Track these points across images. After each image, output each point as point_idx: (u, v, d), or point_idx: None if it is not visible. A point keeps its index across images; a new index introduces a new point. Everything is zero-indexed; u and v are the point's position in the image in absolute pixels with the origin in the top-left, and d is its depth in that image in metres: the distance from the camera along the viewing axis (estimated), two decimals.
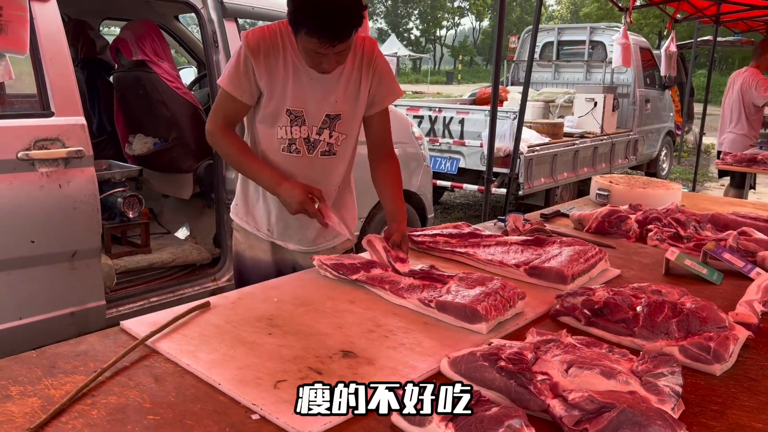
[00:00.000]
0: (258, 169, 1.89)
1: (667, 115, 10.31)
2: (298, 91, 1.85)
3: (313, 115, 1.89)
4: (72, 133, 2.55)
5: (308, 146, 1.93)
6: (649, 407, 1.02)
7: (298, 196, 1.80)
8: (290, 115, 1.88)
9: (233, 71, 1.84)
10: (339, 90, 1.89)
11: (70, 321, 2.63)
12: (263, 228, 2.06)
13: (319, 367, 1.23)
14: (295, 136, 1.90)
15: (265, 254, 2.09)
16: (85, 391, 1.12)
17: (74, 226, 2.57)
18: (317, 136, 1.92)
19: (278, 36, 1.83)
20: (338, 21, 1.62)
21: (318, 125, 1.91)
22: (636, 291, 1.51)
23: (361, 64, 1.90)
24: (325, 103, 1.88)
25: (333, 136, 1.94)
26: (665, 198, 2.73)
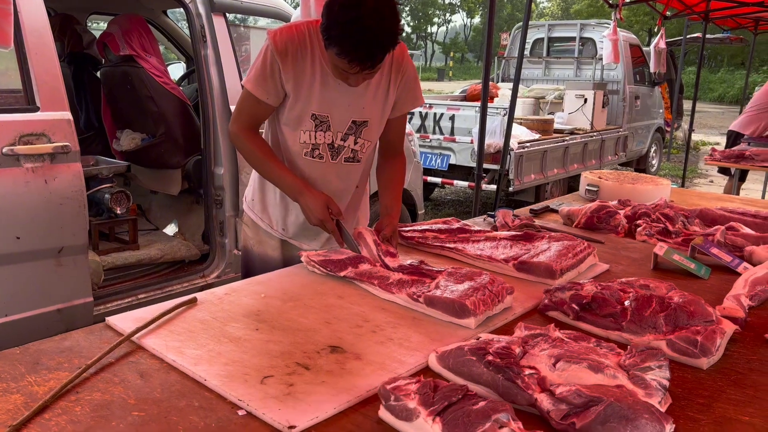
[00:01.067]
0: (281, 174, 1.87)
1: (657, 111, 10.36)
2: (324, 96, 1.82)
3: (339, 121, 1.86)
4: (58, 128, 2.52)
5: (332, 152, 1.91)
6: (636, 401, 1.02)
7: (319, 212, 1.79)
8: (315, 119, 1.84)
9: (259, 73, 1.79)
10: (367, 96, 1.86)
11: (57, 318, 2.60)
12: (278, 227, 2.05)
13: (307, 363, 1.22)
14: (319, 142, 1.88)
15: (274, 251, 2.08)
16: (69, 388, 1.11)
17: (60, 223, 2.54)
18: (342, 142, 1.90)
19: (306, 37, 1.78)
20: (372, 49, 1.59)
21: (343, 131, 1.88)
22: (624, 285, 1.51)
23: (390, 70, 1.87)
24: (352, 109, 1.85)
25: (358, 142, 1.92)
26: (654, 193, 2.73)
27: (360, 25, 1.54)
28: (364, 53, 1.58)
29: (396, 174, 2.05)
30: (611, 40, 6.73)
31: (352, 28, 1.54)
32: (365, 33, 1.55)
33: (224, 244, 3.40)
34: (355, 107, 1.86)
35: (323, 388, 1.13)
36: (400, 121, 2.02)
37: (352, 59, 1.59)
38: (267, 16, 3.95)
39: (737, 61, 34.49)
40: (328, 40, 1.61)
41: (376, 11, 1.55)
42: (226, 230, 3.38)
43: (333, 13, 1.58)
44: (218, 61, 3.30)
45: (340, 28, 1.56)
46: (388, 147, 2.06)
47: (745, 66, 22.34)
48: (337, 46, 1.59)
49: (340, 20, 1.56)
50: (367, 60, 1.60)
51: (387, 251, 1.74)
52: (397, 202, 2.00)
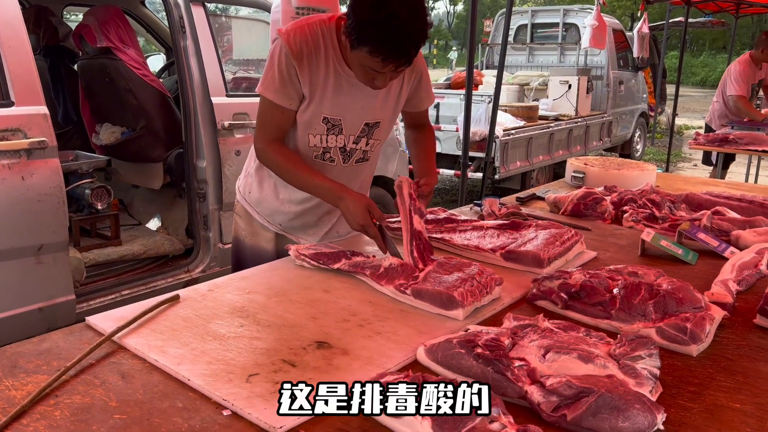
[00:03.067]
0: (317, 181, 1.78)
1: (641, 96, 10.40)
2: (337, 99, 1.77)
3: (351, 124, 1.83)
4: (34, 123, 2.46)
5: (344, 156, 1.88)
6: (627, 391, 1.01)
7: (360, 217, 1.70)
8: (327, 123, 1.80)
9: (277, 79, 1.72)
10: (380, 97, 1.82)
11: (39, 317, 2.56)
12: (274, 220, 2.01)
13: (293, 359, 1.20)
14: (330, 145, 1.84)
15: (267, 243, 2.03)
16: (47, 391, 1.08)
17: (39, 220, 2.49)
18: (354, 145, 1.87)
19: (320, 37, 1.72)
20: (408, 46, 1.55)
21: (356, 134, 1.85)
22: (612, 273, 1.50)
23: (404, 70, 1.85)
24: (366, 111, 1.82)
25: (369, 143, 1.90)
26: (640, 179, 2.73)
27: (396, 22, 1.50)
28: (400, 50, 1.55)
29: (429, 142, 2.06)
30: (594, 26, 6.72)
31: (387, 25, 1.50)
32: (402, 30, 1.52)
33: (208, 237, 3.36)
34: (369, 109, 1.82)
35: None
36: (424, 113, 2.06)
37: (387, 57, 1.55)
38: (247, 6, 3.89)
39: (719, 45, 34.69)
40: (358, 40, 1.55)
41: (410, 7, 1.52)
42: (210, 224, 3.34)
43: (363, 11, 1.54)
44: (198, 52, 3.24)
45: (375, 26, 1.51)
46: (416, 124, 2.07)
47: (726, 50, 22.47)
48: (370, 45, 1.54)
49: (374, 18, 1.51)
50: (402, 57, 1.56)
51: (418, 208, 1.68)
52: (434, 166, 2.01)
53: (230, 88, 3.47)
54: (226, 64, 4.52)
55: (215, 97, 3.29)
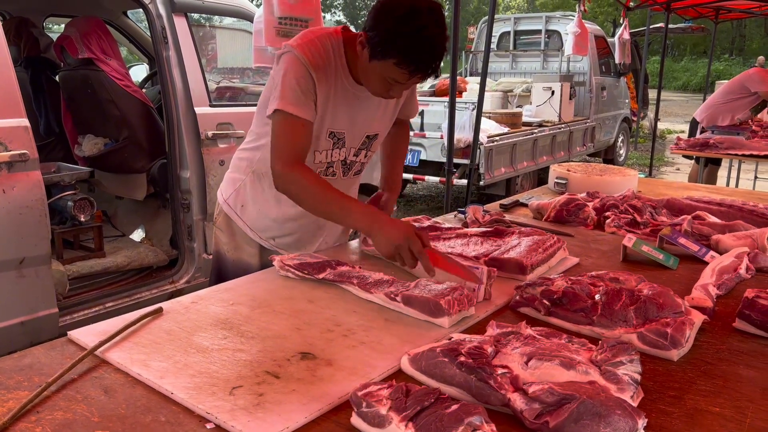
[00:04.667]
0: (348, 205, 1.65)
1: (623, 101, 10.51)
2: (342, 113, 1.77)
3: (353, 137, 1.83)
4: (14, 135, 2.45)
5: (344, 168, 1.88)
6: (608, 397, 1.02)
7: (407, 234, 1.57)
8: (333, 137, 1.79)
9: (298, 91, 1.64)
10: (379, 109, 1.84)
11: (21, 331, 2.53)
12: (266, 237, 1.97)
13: (277, 371, 1.20)
14: (333, 159, 1.83)
15: (251, 258, 1.99)
16: (28, 408, 1.07)
17: (21, 233, 2.47)
18: (354, 158, 1.88)
19: (330, 50, 1.71)
20: (438, 57, 1.57)
21: (357, 147, 1.86)
22: (594, 279, 1.52)
23: None
24: (367, 123, 1.84)
25: (367, 155, 1.91)
26: (622, 185, 2.76)
27: (427, 34, 1.53)
28: (429, 63, 1.57)
29: (401, 144, 2.08)
30: (576, 33, 6.79)
31: (418, 37, 1.52)
32: (432, 42, 1.54)
33: (193, 248, 3.35)
34: (370, 122, 1.84)
35: (294, 396, 1.11)
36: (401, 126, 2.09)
37: (416, 69, 1.57)
38: (230, 16, 3.89)
39: (699, 50, 35.15)
40: (384, 51, 1.56)
41: (436, 20, 1.55)
42: (194, 234, 3.33)
43: (389, 23, 1.55)
44: (181, 62, 3.23)
45: (405, 38, 1.53)
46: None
47: (707, 54, 22.79)
48: (400, 57, 1.55)
49: (403, 30, 1.53)
50: (429, 68, 1.58)
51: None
52: (399, 177, 2.05)
53: (214, 98, 3.46)
54: (211, 74, 4.52)
55: (198, 107, 3.28)
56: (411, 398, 1.00)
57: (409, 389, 1.03)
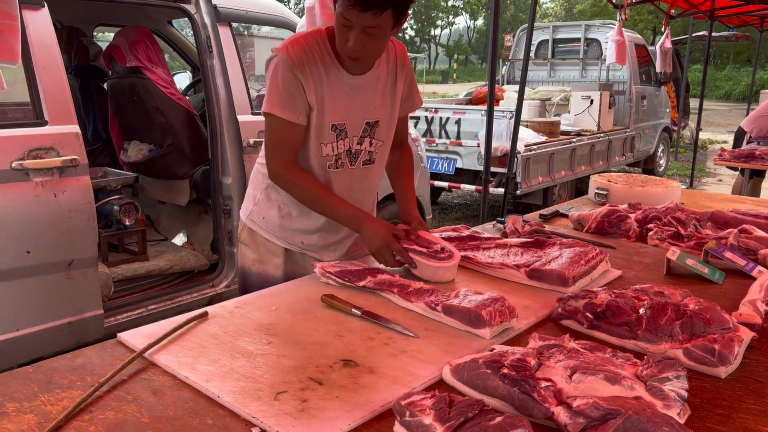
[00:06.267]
0: (338, 205, 1.82)
1: (664, 111, 10.32)
2: (339, 104, 1.80)
3: (354, 125, 1.85)
4: (66, 141, 2.53)
5: (350, 158, 1.89)
6: (654, 413, 1.00)
7: (381, 239, 1.74)
8: (335, 130, 1.82)
9: (283, 95, 1.73)
10: (377, 95, 1.87)
11: (68, 331, 2.61)
12: (295, 243, 2.00)
13: (320, 377, 1.21)
14: (340, 151, 1.86)
15: (276, 269, 2.01)
16: (82, 407, 1.10)
17: (70, 236, 2.55)
18: (358, 146, 1.89)
19: (316, 46, 1.75)
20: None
21: (359, 135, 1.87)
22: (638, 293, 1.50)
23: (396, 67, 1.90)
24: (365, 110, 1.85)
25: (373, 143, 1.91)
26: (664, 196, 2.72)
27: None
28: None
29: (406, 164, 2.09)
30: (616, 41, 6.71)
31: None
32: None
33: (233, 253, 3.40)
34: (367, 108, 1.86)
35: (337, 403, 1.12)
36: (404, 120, 2.07)
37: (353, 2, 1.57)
38: (273, 26, 3.96)
39: (743, 58, 34.32)
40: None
41: None
42: (234, 240, 3.38)
43: None
44: (224, 71, 3.31)
45: None
46: (394, 144, 2.05)
47: (751, 63, 22.20)
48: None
49: None
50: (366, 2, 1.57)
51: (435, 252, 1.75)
52: (412, 194, 2.03)
53: (255, 106, 3.53)
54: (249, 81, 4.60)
55: (241, 115, 3.35)
56: (454, 409, 1.01)
57: (453, 400, 1.03)
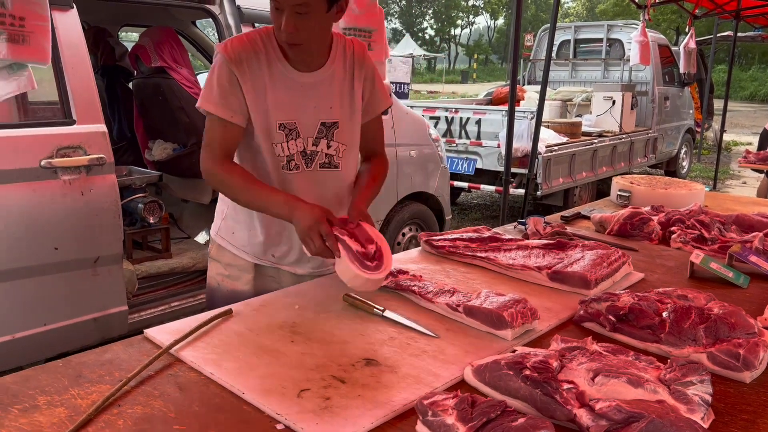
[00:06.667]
0: (270, 194, 1.68)
1: (687, 112, 10.20)
2: (288, 102, 1.72)
3: (307, 126, 1.75)
4: (93, 140, 2.58)
5: (306, 160, 1.78)
6: (678, 417, 1.00)
7: (309, 223, 1.56)
8: (284, 129, 1.73)
9: (216, 90, 1.66)
10: (333, 95, 1.77)
11: (93, 327, 2.65)
12: (266, 256, 1.90)
13: (342, 376, 1.23)
14: (292, 151, 1.76)
15: (246, 285, 1.91)
16: (111, 401, 1.13)
17: (96, 233, 2.60)
18: (314, 147, 1.78)
19: (259, 42, 1.69)
20: None
21: (314, 135, 1.77)
22: (661, 296, 1.49)
23: (353, 67, 1.80)
24: (320, 110, 1.76)
25: (332, 146, 1.80)
26: (688, 199, 2.69)
27: None
28: None
29: (372, 168, 1.91)
30: (640, 42, 6.64)
31: None
32: None
33: None
34: (322, 108, 1.76)
35: (359, 401, 1.13)
36: (376, 125, 1.93)
37: None
38: None
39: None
40: None
41: None
42: None
43: None
44: None
45: None
46: (366, 153, 1.95)
47: None
48: None
49: None
50: None
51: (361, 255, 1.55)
52: (367, 191, 1.81)
53: None
54: None
55: None
56: (477, 409, 1.02)
57: (475, 400, 1.04)
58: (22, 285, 2.46)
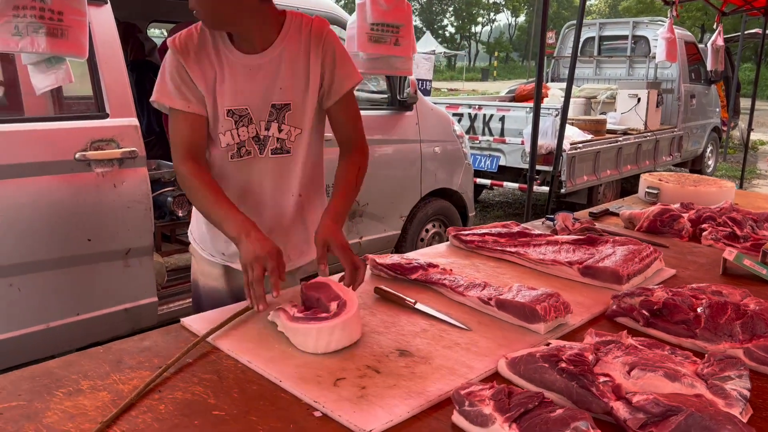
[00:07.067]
0: (227, 212, 1.56)
1: (713, 110, 10.06)
2: (237, 88, 1.64)
3: (258, 109, 1.67)
4: (126, 134, 2.62)
5: (259, 145, 1.70)
6: (717, 411, 1.00)
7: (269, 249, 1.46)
8: (233, 116, 1.65)
9: (169, 82, 1.60)
10: (283, 76, 1.66)
11: (124, 317, 2.70)
12: (217, 253, 1.84)
13: (377, 366, 1.24)
14: (243, 138, 1.68)
15: (217, 281, 1.87)
16: (151, 387, 1.16)
17: (128, 225, 2.64)
18: (266, 132, 1.69)
19: (206, 33, 1.63)
20: None
21: (265, 119, 1.68)
22: (696, 292, 1.48)
23: (309, 46, 1.67)
24: (270, 92, 1.66)
25: (283, 129, 1.70)
26: (718, 196, 2.67)
27: None
28: None
29: (346, 170, 1.76)
30: (667, 39, 6.56)
31: None
32: None
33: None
34: (272, 90, 1.66)
35: (395, 391, 1.15)
36: (345, 107, 1.75)
37: None
38: None
39: None
40: None
41: None
42: None
43: None
44: None
45: None
46: (342, 143, 1.81)
47: None
48: None
49: None
50: None
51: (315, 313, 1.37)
52: (341, 203, 1.68)
53: None
54: None
55: None
56: (514, 400, 1.02)
57: (512, 391, 1.05)
58: (56, 275, 2.52)
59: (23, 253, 2.43)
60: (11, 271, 2.42)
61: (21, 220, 2.41)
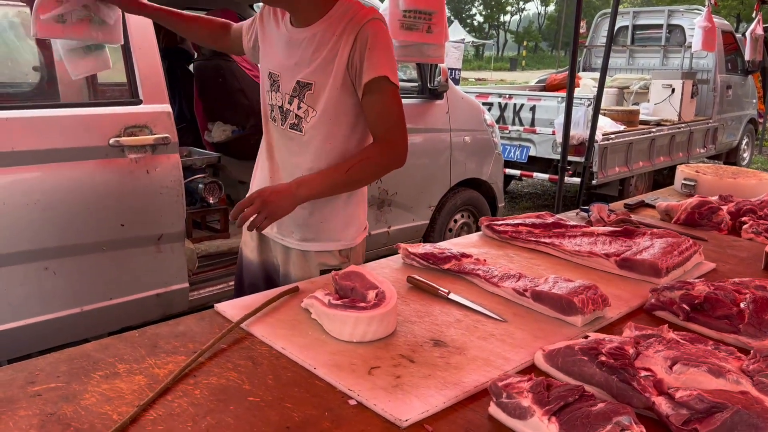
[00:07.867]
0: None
1: (750, 102, 9.81)
2: (279, 55, 1.80)
3: (286, 81, 1.78)
4: (159, 120, 2.64)
5: (281, 115, 1.81)
6: (764, 408, 0.97)
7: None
8: (271, 78, 1.82)
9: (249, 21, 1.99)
10: (314, 56, 1.72)
11: (156, 302, 2.73)
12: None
13: (411, 356, 1.23)
14: (274, 102, 1.83)
15: (252, 253, 2.01)
16: (186, 372, 1.16)
17: (160, 211, 2.67)
18: (288, 105, 1.78)
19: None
20: None
21: (290, 93, 1.77)
22: (738, 286, 1.44)
23: (343, 32, 1.68)
24: (299, 68, 1.74)
25: (301, 107, 1.74)
26: (757, 189, 2.59)
27: None
28: None
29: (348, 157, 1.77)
30: (704, 28, 6.40)
31: None
32: None
33: None
34: (301, 66, 1.74)
35: (430, 381, 1.13)
36: (369, 99, 1.72)
37: None
38: None
39: None
40: None
41: None
42: None
43: None
44: None
45: None
46: (372, 133, 1.81)
47: None
48: None
49: None
50: None
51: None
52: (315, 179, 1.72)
53: None
54: None
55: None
56: (553, 393, 1.00)
57: (551, 384, 1.03)
58: (90, 260, 2.55)
59: (58, 237, 2.47)
60: (46, 255, 2.46)
61: (56, 205, 2.44)
